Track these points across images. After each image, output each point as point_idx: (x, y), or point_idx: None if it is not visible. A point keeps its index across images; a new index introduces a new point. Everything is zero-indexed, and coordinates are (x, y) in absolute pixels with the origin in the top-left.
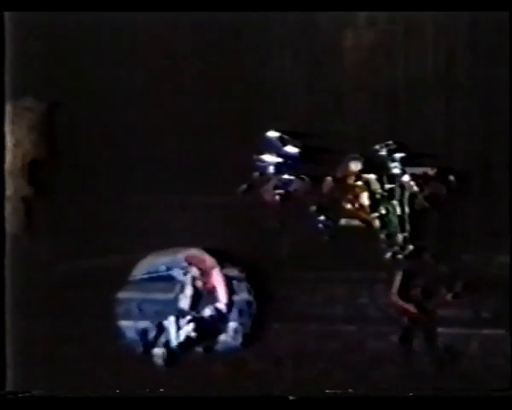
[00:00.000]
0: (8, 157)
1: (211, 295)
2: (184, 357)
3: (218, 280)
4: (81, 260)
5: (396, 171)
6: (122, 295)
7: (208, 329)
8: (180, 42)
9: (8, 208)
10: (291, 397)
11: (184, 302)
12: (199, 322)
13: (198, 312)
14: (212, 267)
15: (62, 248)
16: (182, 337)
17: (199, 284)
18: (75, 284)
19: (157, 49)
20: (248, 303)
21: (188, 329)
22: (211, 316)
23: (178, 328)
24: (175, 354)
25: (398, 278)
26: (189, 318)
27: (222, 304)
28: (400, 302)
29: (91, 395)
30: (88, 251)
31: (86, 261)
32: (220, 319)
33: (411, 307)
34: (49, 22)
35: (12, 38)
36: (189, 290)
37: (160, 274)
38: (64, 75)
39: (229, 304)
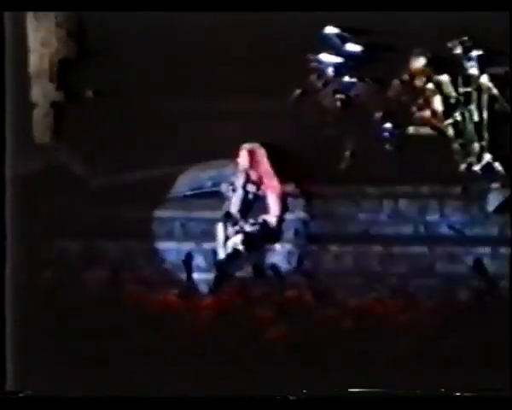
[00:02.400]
0: (33, 58)
1: (262, 205)
2: (231, 280)
3: (271, 187)
4: (117, 175)
5: (473, 71)
6: (163, 213)
7: (257, 244)
8: None
9: (36, 116)
10: (291, 397)
11: (234, 206)
12: (247, 235)
13: (247, 221)
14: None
15: (96, 161)
16: (229, 249)
17: (251, 188)
18: (110, 201)
19: None
20: (304, 222)
21: (236, 241)
22: (260, 229)
23: (226, 238)
24: (220, 277)
25: None
26: (237, 228)
27: (273, 217)
28: None
29: (92, 394)
30: (125, 164)
31: (123, 176)
32: (270, 234)
33: None
34: None
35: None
36: (240, 192)
37: (206, 190)
38: None
39: (281, 219)
